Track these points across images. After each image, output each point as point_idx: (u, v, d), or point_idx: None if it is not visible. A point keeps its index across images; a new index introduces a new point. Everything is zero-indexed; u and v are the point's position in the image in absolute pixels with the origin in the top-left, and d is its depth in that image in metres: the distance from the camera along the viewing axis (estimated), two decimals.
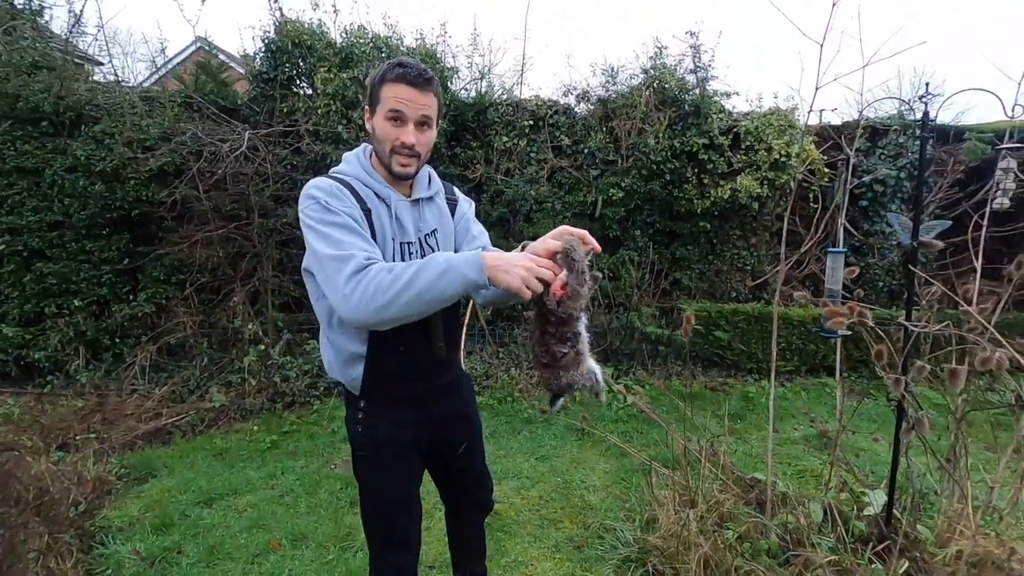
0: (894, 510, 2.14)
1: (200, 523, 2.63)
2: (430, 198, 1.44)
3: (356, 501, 2.75)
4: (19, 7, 4.36)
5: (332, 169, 1.39)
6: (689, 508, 2.25)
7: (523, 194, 4.80)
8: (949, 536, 2.09)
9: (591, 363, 1.34)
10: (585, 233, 1.20)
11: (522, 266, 1.11)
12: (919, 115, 2.14)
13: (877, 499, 2.26)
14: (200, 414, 3.79)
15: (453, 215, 1.51)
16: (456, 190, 1.58)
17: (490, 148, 4.91)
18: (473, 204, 1.62)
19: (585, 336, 1.29)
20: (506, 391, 4.21)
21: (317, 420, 3.83)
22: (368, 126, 1.36)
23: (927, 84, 2.23)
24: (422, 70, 1.27)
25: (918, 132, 4.72)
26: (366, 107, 1.35)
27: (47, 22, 4.83)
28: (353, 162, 1.38)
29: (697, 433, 2.63)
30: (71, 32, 4.56)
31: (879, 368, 1.99)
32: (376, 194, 1.33)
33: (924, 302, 2.38)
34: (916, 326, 2.04)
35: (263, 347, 4.11)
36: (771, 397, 2.43)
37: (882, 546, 2.02)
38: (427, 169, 1.46)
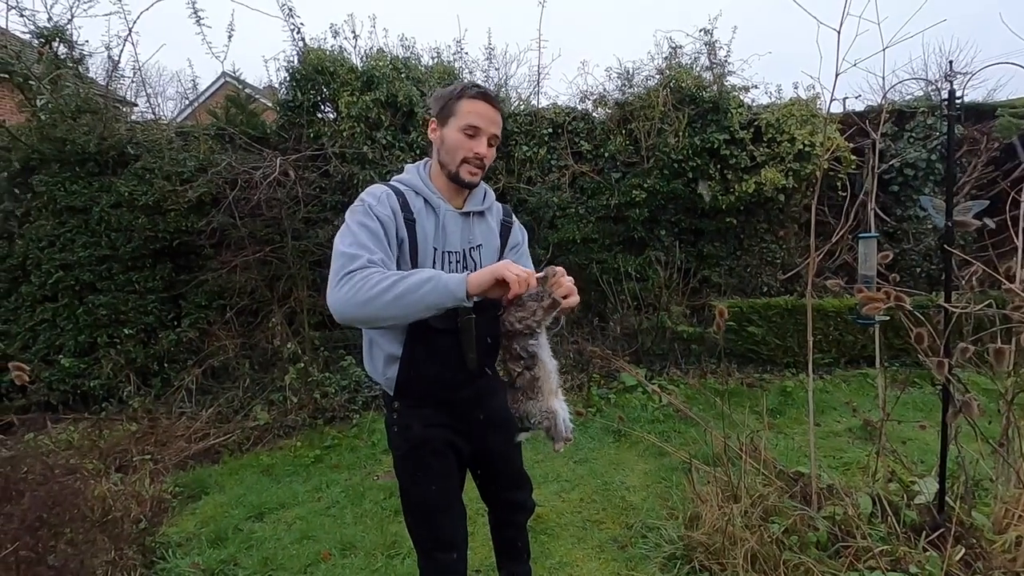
0: (947, 498, 2.09)
1: (253, 536, 2.72)
2: (481, 213, 1.50)
3: (400, 509, 2.83)
4: (62, 57, 4.63)
5: (393, 177, 1.49)
6: (733, 503, 2.24)
7: (546, 201, 4.85)
8: (1007, 522, 2.03)
9: (555, 403, 1.33)
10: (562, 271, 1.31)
11: (496, 264, 1.22)
12: (945, 95, 2.12)
13: (928, 488, 2.21)
14: (246, 432, 3.92)
15: (506, 238, 1.57)
16: (514, 215, 1.64)
17: (511, 158, 4.98)
18: (526, 234, 1.67)
19: (548, 365, 1.31)
20: None
21: (357, 433, 3.91)
22: (434, 136, 1.44)
23: (950, 63, 2.21)
24: (496, 93, 1.39)
25: (946, 112, 4.60)
26: (434, 119, 1.44)
27: (86, 69, 5.12)
28: (413, 172, 1.47)
29: (736, 429, 2.61)
30: (110, 77, 4.82)
31: (920, 352, 1.96)
32: (427, 202, 1.41)
33: (964, 283, 2.34)
34: (956, 307, 2.01)
35: (302, 365, 4.24)
36: (809, 389, 2.40)
37: (936, 534, 1.97)
38: (484, 185, 1.53)
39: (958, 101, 2.13)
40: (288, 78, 4.68)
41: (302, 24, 4.69)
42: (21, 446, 3.26)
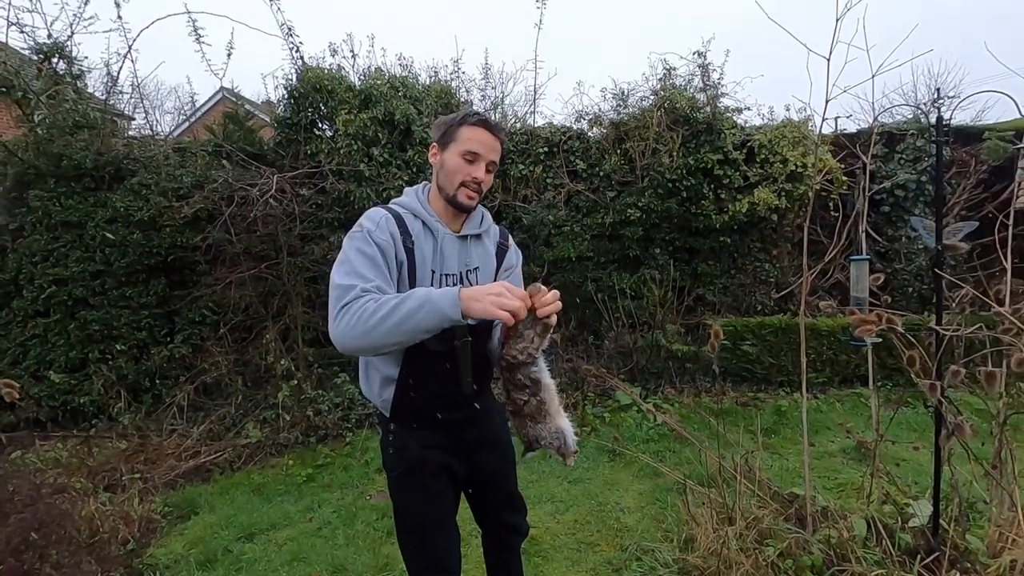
0: (941, 520, 2.08)
1: (242, 558, 2.68)
2: (478, 236, 1.53)
3: (392, 531, 2.79)
4: (61, 73, 4.66)
5: (392, 200, 1.51)
6: (727, 526, 2.23)
7: (541, 219, 4.87)
8: (1002, 546, 2.03)
9: (561, 421, 1.35)
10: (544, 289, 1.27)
11: (491, 293, 1.18)
12: (935, 118, 2.16)
13: (922, 510, 2.20)
14: (237, 451, 3.88)
15: (501, 260, 1.59)
16: (511, 238, 1.66)
17: (507, 176, 5.02)
18: (521, 256, 1.68)
19: (551, 387, 1.32)
20: None
21: (350, 452, 3.88)
22: (434, 160, 1.49)
23: (938, 90, 2.25)
24: (497, 122, 1.47)
25: (935, 136, 4.69)
26: (435, 143, 1.48)
27: (85, 85, 5.15)
28: (411, 195, 1.50)
29: (731, 450, 2.60)
30: (109, 93, 4.85)
31: (912, 374, 1.97)
32: (425, 225, 1.44)
33: (954, 305, 2.36)
34: (947, 330, 2.02)
35: (295, 382, 4.21)
36: (803, 409, 2.40)
37: (931, 558, 1.96)
38: (482, 209, 1.57)
39: (946, 124, 2.17)
40: (286, 95, 4.72)
41: (301, 43, 4.74)
42: (8, 465, 3.20)
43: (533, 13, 6.10)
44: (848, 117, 6.96)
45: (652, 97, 5.07)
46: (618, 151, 5.03)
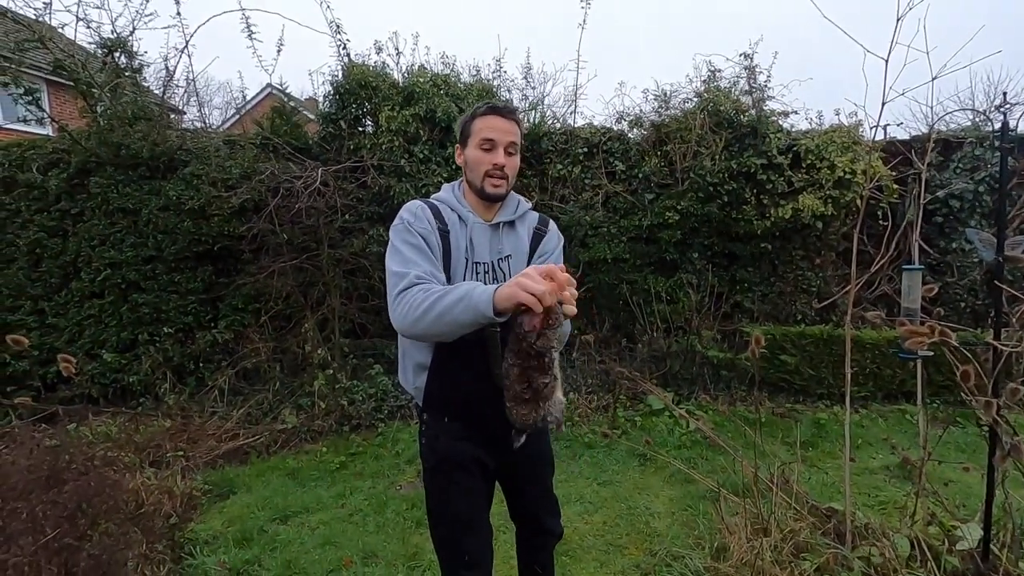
0: (992, 545, 1.99)
1: (277, 539, 2.76)
2: (511, 223, 1.54)
3: (421, 521, 2.83)
4: (122, 66, 4.88)
5: (431, 195, 1.58)
6: (762, 537, 2.18)
7: (578, 220, 4.85)
8: None
9: (559, 392, 1.35)
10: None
11: (515, 281, 1.14)
12: (996, 125, 2.06)
13: (971, 533, 2.11)
14: (273, 435, 3.99)
15: (535, 246, 1.58)
16: (551, 224, 1.65)
17: (545, 176, 5.02)
18: (562, 240, 1.68)
19: (557, 358, 1.29)
20: (565, 416, 4.20)
21: (382, 442, 3.94)
22: (460, 160, 1.54)
23: (1004, 94, 2.15)
24: (507, 103, 1.48)
25: (996, 143, 4.48)
26: (458, 145, 1.54)
27: (144, 79, 5.38)
28: (447, 190, 1.57)
29: (766, 460, 2.54)
30: (165, 86, 5.06)
31: (965, 391, 1.88)
32: (459, 216, 1.49)
33: (1015, 320, 2.25)
34: (1007, 346, 1.93)
35: (331, 372, 4.31)
36: (847, 422, 2.33)
37: None
38: (518, 197, 1.59)
39: (1012, 131, 2.07)
40: (332, 92, 4.83)
41: (348, 40, 4.85)
42: (65, 436, 3.37)
43: (567, 16, 6.10)
44: (899, 125, 6.69)
45: (695, 99, 4.99)
46: (658, 153, 4.97)
